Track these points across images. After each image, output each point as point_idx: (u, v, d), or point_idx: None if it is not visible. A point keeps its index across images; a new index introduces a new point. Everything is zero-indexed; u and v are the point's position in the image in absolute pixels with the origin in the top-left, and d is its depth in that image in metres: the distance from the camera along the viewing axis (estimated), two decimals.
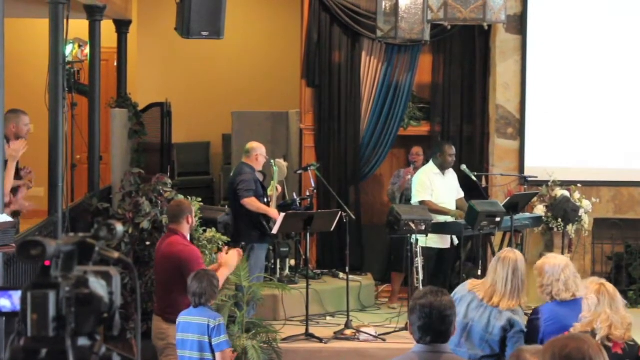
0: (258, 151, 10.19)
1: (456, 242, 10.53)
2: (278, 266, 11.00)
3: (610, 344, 5.23)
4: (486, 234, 10.20)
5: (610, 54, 11.86)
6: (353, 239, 10.83)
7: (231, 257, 7.35)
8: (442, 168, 10.63)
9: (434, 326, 4.30)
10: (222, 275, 7.19)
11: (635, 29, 11.89)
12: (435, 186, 10.55)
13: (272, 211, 10.01)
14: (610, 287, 5.42)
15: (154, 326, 7.54)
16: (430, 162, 10.77)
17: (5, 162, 7.51)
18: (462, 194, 10.81)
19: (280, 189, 10.71)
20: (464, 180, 10.91)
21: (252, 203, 9.95)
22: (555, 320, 5.87)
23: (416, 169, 11.20)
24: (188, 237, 7.62)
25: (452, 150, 10.72)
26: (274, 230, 9.84)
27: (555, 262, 6.04)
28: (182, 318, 6.72)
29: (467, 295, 6.10)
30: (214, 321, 6.58)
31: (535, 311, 6.19)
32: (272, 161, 10.47)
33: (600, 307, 5.32)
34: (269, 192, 10.32)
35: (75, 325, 2.08)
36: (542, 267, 6.06)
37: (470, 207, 9.90)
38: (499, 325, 5.98)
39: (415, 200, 10.60)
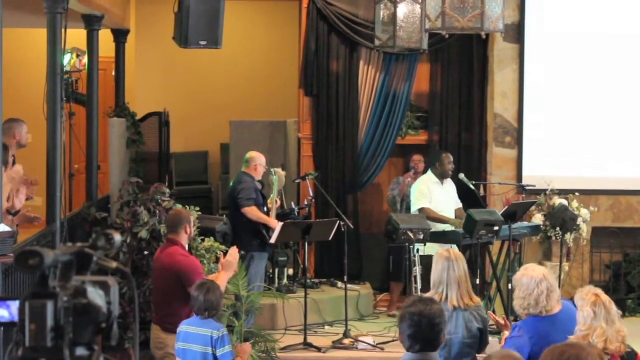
0: (258, 161, 10.19)
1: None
2: (276, 275, 11.00)
3: (607, 357, 5.21)
4: (484, 243, 10.19)
5: (608, 62, 11.88)
6: (351, 248, 10.82)
7: (231, 259, 7.29)
8: (442, 177, 10.65)
9: (423, 334, 4.30)
10: (222, 280, 7.16)
11: (633, 38, 11.91)
12: (434, 195, 10.55)
13: (273, 221, 10.01)
14: (605, 299, 5.34)
15: (152, 336, 7.53)
16: (429, 172, 10.77)
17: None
18: (460, 204, 10.82)
19: (279, 202, 10.71)
20: (462, 189, 10.91)
21: (252, 212, 9.95)
22: (539, 337, 5.72)
23: (417, 174, 11.20)
24: (187, 247, 7.61)
25: (450, 158, 10.74)
26: (272, 240, 9.84)
27: (533, 275, 5.75)
28: (184, 328, 6.69)
29: None
30: (217, 332, 6.56)
31: (516, 328, 5.90)
32: (272, 170, 10.46)
33: (597, 322, 5.26)
34: (269, 204, 10.30)
35: (73, 335, 2.07)
36: (520, 279, 5.82)
37: (468, 216, 9.90)
38: (477, 327, 6.06)
39: (414, 208, 10.60)
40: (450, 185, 10.80)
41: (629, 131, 11.92)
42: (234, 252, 7.35)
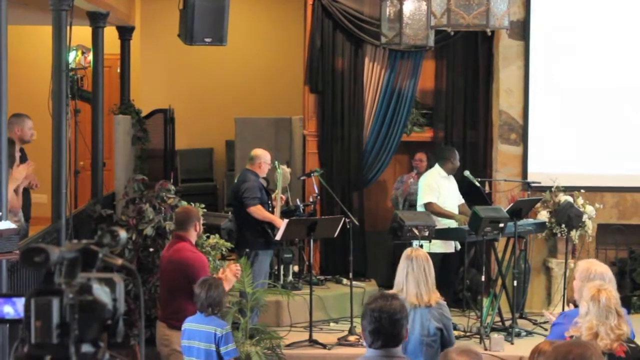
0: (262, 159, 10.19)
1: (458, 247, 10.53)
2: (281, 272, 11.00)
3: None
4: (490, 239, 10.18)
5: (613, 58, 11.85)
6: (356, 245, 10.82)
7: (230, 275, 7.31)
8: (450, 173, 10.68)
9: (384, 330, 4.32)
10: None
11: (639, 34, 11.88)
12: (442, 189, 10.57)
13: (278, 220, 10.01)
14: (604, 295, 5.36)
15: (158, 332, 7.54)
16: (437, 165, 10.78)
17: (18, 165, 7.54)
18: (462, 200, 10.83)
19: (284, 198, 10.71)
20: (467, 186, 10.90)
21: (257, 211, 9.95)
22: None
23: (419, 175, 11.21)
24: (194, 244, 7.65)
25: (458, 156, 10.83)
26: (278, 237, 9.84)
27: (593, 269, 5.88)
28: (189, 325, 6.71)
29: None
30: (221, 330, 6.57)
31: (562, 315, 6.18)
32: (276, 162, 10.45)
33: (588, 316, 5.34)
34: (273, 200, 10.30)
35: (78, 332, 2.07)
36: (579, 269, 5.99)
37: (473, 212, 9.89)
38: (434, 325, 6.10)
39: (421, 201, 10.60)
40: (453, 181, 10.82)
41: (635, 128, 11.89)
42: (234, 269, 7.37)
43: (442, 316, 6.23)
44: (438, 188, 10.55)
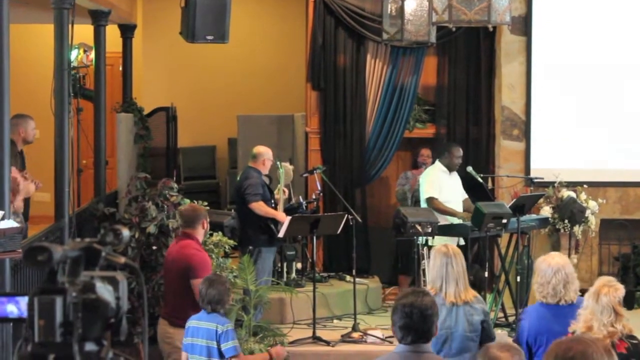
0: (265, 156, 10.19)
1: (462, 242, 10.53)
2: (285, 269, 11.00)
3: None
4: (493, 235, 10.18)
5: (615, 54, 11.85)
6: (359, 241, 10.81)
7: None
8: (449, 168, 10.63)
9: (415, 326, 4.34)
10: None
11: None
12: (443, 185, 10.55)
13: (280, 215, 10.01)
14: (604, 292, 5.37)
15: (160, 329, 7.56)
16: (437, 161, 10.77)
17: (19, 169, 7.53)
18: (466, 195, 10.82)
19: (287, 192, 10.70)
20: (469, 182, 10.89)
21: (260, 207, 9.95)
22: (540, 321, 5.87)
23: None
24: (201, 242, 7.67)
25: (460, 152, 10.70)
26: (281, 234, 9.85)
27: (552, 262, 5.94)
28: (192, 322, 6.73)
29: None
30: (222, 327, 6.58)
31: (524, 311, 6.30)
32: (278, 162, 10.46)
33: (585, 310, 5.38)
34: (276, 195, 10.31)
35: (82, 331, 2.08)
36: (539, 266, 6.03)
37: (476, 208, 9.89)
38: (478, 319, 6.10)
39: (423, 197, 10.59)
40: (456, 177, 10.80)
41: (637, 123, 11.89)
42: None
43: (483, 310, 6.24)
44: (439, 183, 10.53)
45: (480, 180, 10.80)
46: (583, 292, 5.86)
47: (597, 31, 11.83)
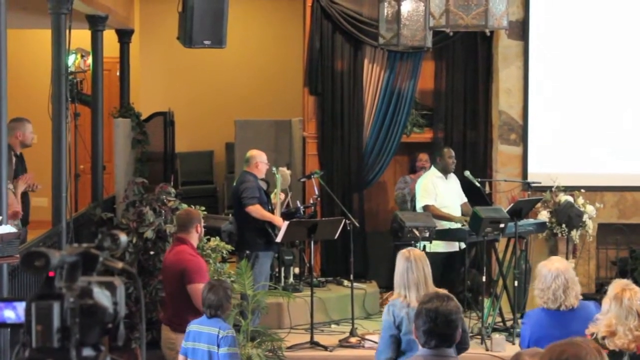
0: (258, 159, 10.17)
1: (463, 245, 10.52)
2: (282, 274, 11.00)
3: (616, 349, 5.24)
4: (490, 240, 10.18)
5: (613, 58, 11.85)
6: (357, 246, 10.81)
7: None
8: (444, 172, 10.63)
9: (438, 331, 4.32)
10: None
11: (638, 34, 11.88)
12: (439, 190, 10.54)
13: (277, 218, 10.01)
14: (627, 295, 5.37)
15: (163, 336, 7.57)
16: (432, 167, 10.78)
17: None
18: (465, 199, 10.81)
19: (284, 196, 10.70)
20: (467, 186, 10.90)
21: (256, 210, 9.94)
22: (540, 327, 5.85)
23: None
24: (196, 246, 7.65)
25: (452, 153, 10.72)
26: (278, 239, 9.83)
27: (551, 268, 5.92)
28: (194, 327, 6.72)
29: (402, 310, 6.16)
30: (223, 332, 6.57)
31: (526, 315, 6.26)
32: (274, 168, 10.46)
33: (608, 314, 5.34)
34: (272, 200, 10.31)
35: (79, 336, 2.08)
36: (540, 271, 6.01)
37: (474, 213, 9.89)
38: None
39: (419, 205, 10.59)
40: (454, 181, 10.79)
41: (635, 127, 11.89)
42: None
43: None
44: (434, 189, 10.52)
45: (478, 185, 10.80)
46: (584, 296, 5.87)
47: (594, 35, 11.84)
